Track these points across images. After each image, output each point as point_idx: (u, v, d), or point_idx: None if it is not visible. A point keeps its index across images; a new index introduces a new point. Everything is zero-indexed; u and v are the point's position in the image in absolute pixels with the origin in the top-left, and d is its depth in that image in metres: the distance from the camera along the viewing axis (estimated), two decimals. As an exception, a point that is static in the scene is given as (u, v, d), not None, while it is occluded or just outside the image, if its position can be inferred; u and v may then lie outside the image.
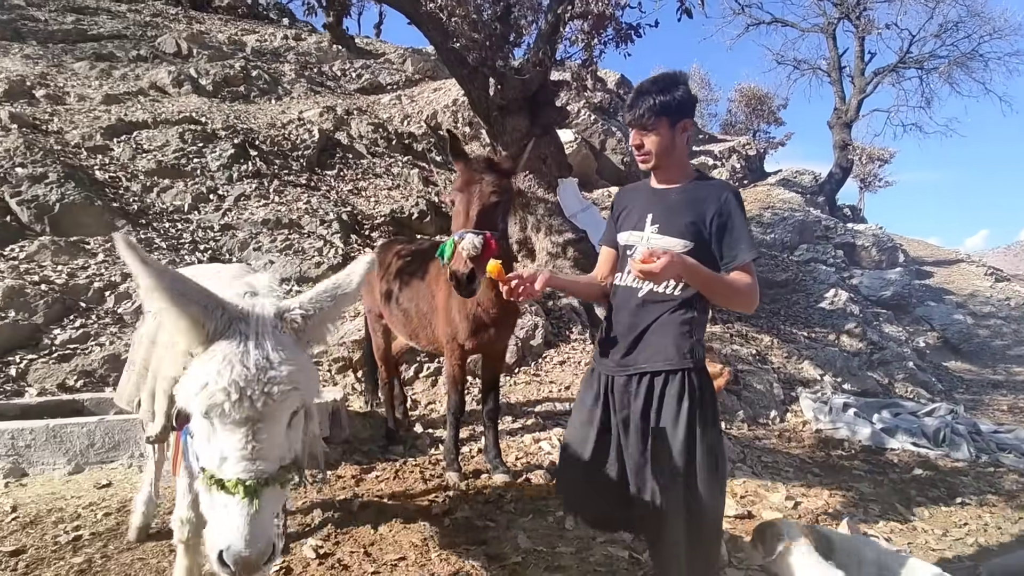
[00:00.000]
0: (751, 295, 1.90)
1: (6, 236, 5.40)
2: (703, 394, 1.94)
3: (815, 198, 14.82)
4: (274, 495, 1.29)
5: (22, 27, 11.68)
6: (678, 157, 2.02)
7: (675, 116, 1.94)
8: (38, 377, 4.13)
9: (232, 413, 1.23)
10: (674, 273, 1.78)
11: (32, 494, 2.93)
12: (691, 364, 1.94)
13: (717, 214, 1.92)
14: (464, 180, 2.70)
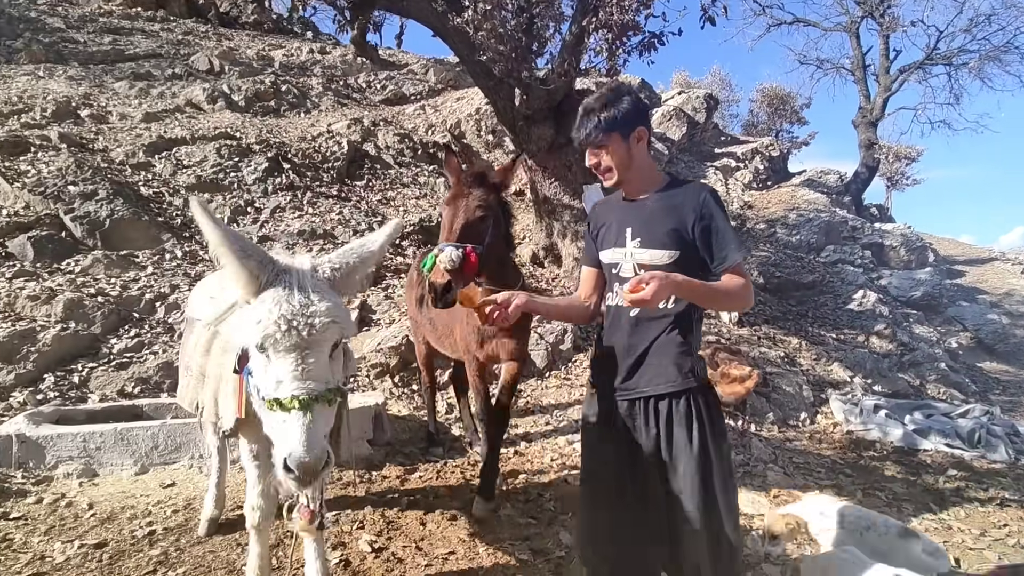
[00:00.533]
0: (746, 296, 1.86)
1: (62, 251, 5.70)
2: (710, 412, 1.89)
3: (841, 198, 14.68)
4: (323, 412, 1.49)
5: (63, 49, 12.18)
6: (641, 167, 1.97)
7: (625, 128, 1.90)
8: (99, 384, 4.37)
9: (283, 341, 1.48)
10: (666, 295, 1.75)
11: (104, 492, 3.14)
12: (694, 383, 1.89)
13: (698, 217, 1.86)
14: (452, 193, 2.71)
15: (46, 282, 5.15)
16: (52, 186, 6.27)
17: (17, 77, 9.85)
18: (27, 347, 4.39)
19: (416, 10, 7.01)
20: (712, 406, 1.91)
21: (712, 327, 6.94)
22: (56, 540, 2.64)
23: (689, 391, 1.88)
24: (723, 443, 1.89)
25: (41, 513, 2.87)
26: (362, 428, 3.92)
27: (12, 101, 8.59)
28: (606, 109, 1.90)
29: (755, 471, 4.15)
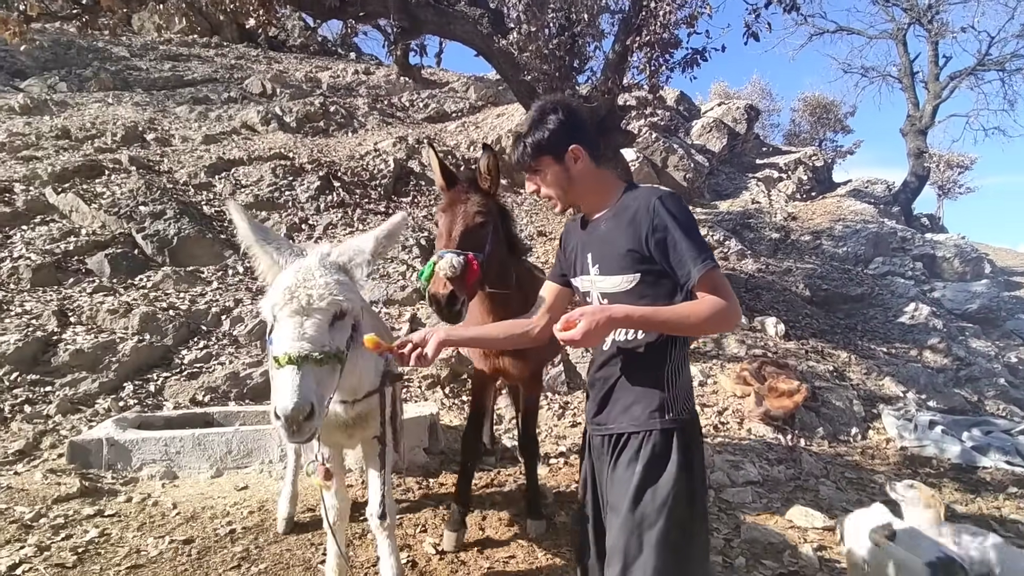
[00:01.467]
0: (722, 315, 1.59)
1: (135, 267, 6.09)
2: (674, 457, 1.64)
3: (889, 208, 14.33)
4: (314, 371, 1.64)
5: (129, 76, 12.94)
6: (585, 186, 1.80)
7: (555, 149, 1.75)
8: (172, 392, 4.66)
9: (285, 308, 1.68)
10: (605, 332, 1.58)
11: (185, 494, 3.36)
12: (657, 424, 1.67)
13: (651, 230, 1.64)
14: (449, 200, 2.57)
15: (122, 296, 5.51)
16: (125, 206, 6.70)
17: (89, 104, 10.53)
18: (108, 357, 4.72)
19: (462, 33, 7.26)
20: (682, 449, 1.66)
21: (758, 340, 6.90)
22: (148, 536, 2.87)
23: (651, 432, 1.67)
24: (677, 489, 1.61)
25: (132, 511, 3.11)
26: (418, 437, 4.08)
27: (86, 127, 9.20)
28: (532, 132, 1.76)
29: (807, 485, 4.14)
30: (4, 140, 8.12)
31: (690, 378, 1.79)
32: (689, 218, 1.66)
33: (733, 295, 1.62)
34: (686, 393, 1.73)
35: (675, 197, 1.70)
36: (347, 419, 2.23)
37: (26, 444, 3.71)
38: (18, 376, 4.37)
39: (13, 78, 11.38)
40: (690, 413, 1.72)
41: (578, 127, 1.78)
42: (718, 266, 1.62)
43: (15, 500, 3.09)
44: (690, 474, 1.65)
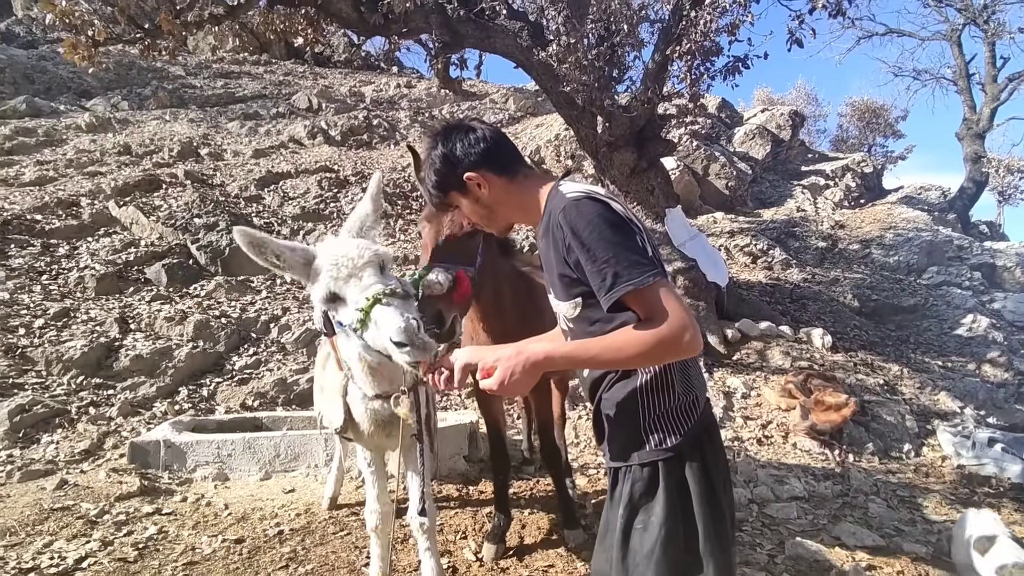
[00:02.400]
0: (656, 344, 1.34)
1: (189, 276, 6.38)
2: (660, 496, 1.45)
3: (944, 215, 13.75)
4: (400, 303, 1.79)
5: (184, 94, 13.59)
6: (506, 206, 1.62)
7: (452, 182, 1.61)
8: (224, 398, 4.86)
9: (343, 274, 1.83)
10: (527, 380, 1.41)
11: (236, 495, 3.50)
12: (636, 459, 1.49)
13: (565, 248, 1.45)
14: (427, 212, 2.38)
15: (178, 305, 5.78)
16: (181, 218, 7.03)
17: (148, 121, 11.10)
18: (165, 363, 4.96)
19: (502, 46, 7.36)
20: (672, 483, 1.45)
21: (804, 352, 6.73)
22: (202, 534, 3.00)
23: (630, 468, 1.50)
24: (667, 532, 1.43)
25: (187, 510, 3.25)
26: (458, 445, 4.14)
27: (145, 143, 9.70)
28: (430, 174, 1.65)
29: (856, 503, 4.01)
30: (72, 157, 8.63)
31: (688, 393, 1.51)
32: (594, 230, 1.39)
33: (673, 315, 1.34)
34: (677, 413, 1.49)
35: (579, 204, 1.42)
36: (386, 416, 2.31)
37: (91, 444, 3.94)
38: (84, 380, 4.63)
39: (80, 98, 12.09)
40: (685, 436, 1.47)
41: (468, 155, 1.57)
42: (639, 284, 1.35)
43: (81, 497, 3.28)
44: (686, 511, 1.44)
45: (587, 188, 1.49)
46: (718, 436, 1.58)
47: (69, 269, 5.99)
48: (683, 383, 1.51)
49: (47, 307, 5.29)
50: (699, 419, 1.51)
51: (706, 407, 1.56)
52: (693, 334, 1.35)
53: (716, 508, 1.47)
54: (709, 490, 1.46)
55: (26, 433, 4.02)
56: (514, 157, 1.63)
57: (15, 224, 6.44)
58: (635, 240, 1.41)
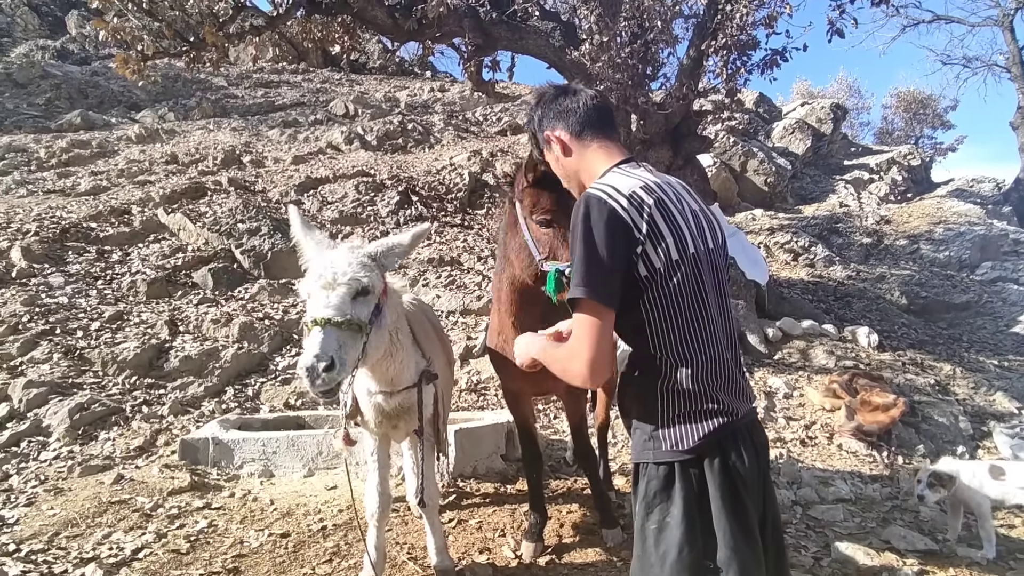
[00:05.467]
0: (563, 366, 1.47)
1: (234, 280, 6.59)
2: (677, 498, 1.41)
3: (999, 208, 13.15)
4: (337, 333, 1.91)
5: (227, 104, 14.03)
6: (577, 172, 1.67)
7: (538, 138, 1.73)
8: (268, 397, 5.00)
9: (315, 283, 1.98)
10: (528, 359, 1.66)
11: (280, 491, 3.60)
12: (650, 456, 1.46)
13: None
14: (556, 197, 2.30)
15: (223, 307, 5.97)
16: (225, 224, 7.26)
17: (193, 131, 11.50)
18: (212, 363, 5.13)
19: (535, 47, 7.39)
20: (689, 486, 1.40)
21: (849, 351, 6.53)
22: (250, 528, 3.10)
23: (646, 465, 1.47)
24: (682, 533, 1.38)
25: (235, 505, 3.36)
26: (496, 444, 4.16)
27: (191, 152, 10.06)
28: (529, 129, 1.78)
29: (906, 506, 3.87)
30: (124, 167, 9.01)
31: (710, 400, 1.45)
32: (584, 230, 1.40)
33: (573, 342, 1.43)
34: (696, 418, 1.43)
35: (586, 199, 1.44)
36: (388, 409, 2.44)
37: (144, 441, 4.11)
38: (137, 380, 4.83)
39: (130, 111, 12.61)
40: (704, 439, 1.41)
41: (552, 111, 1.66)
42: (583, 298, 1.38)
43: (136, 491, 3.43)
44: (705, 515, 1.39)
45: (618, 180, 1.48)
46: (750, 444, 1.47)
47: (122, 274, 6.26)
48: (704, 388, 1.44)
49: (102, 311, 5.54)
50: (723, 426, 1.43)
51: (736, 416, 1.47)
52: (581, 369, 1.41)
53: (740, 514, 1.39)
54: (732, 495, 1.39)
55: (85, 431, 4.22)
56: (593, 125, 1.63)
57: (72, 232, 6.76)
58: (599, 256, 1.38)
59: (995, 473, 3.28)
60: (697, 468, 1.41)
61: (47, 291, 5.68)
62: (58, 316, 5.32)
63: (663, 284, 1.41)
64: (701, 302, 1.43)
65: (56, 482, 3.56)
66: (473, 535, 3.11)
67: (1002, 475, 3.28)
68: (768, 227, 10.75)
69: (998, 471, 3.31)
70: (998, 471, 3.31)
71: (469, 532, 3.14)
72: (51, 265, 6.14)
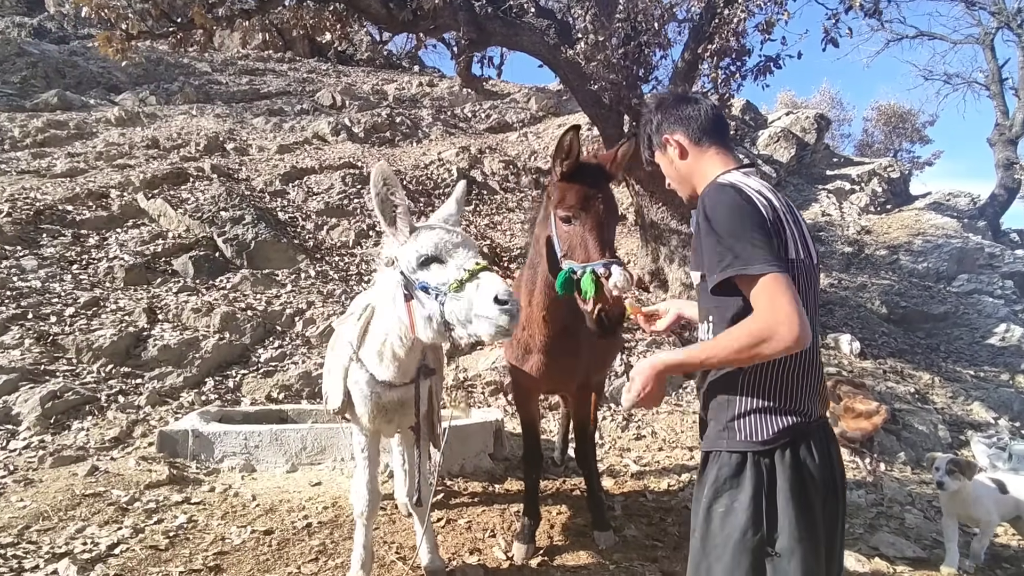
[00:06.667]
0: (754, 336, 1.39)
1: (215, 269, 6.42)
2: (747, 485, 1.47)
3: (974, 222, 13.45)
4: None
5: (210, 90, 13.72)
6: (685, 176, 1.75)
7: (655, 141, 1.79)
8: (249, 389, 4.87)
9: (453, 241, 2.01)
10: (655, 391, 1.54)
11: (263, 487, 3.49)
12: (724, 444, 1.53)
13: (697, 224, 1.55)
14: (581, 194, 2.25)
15: (204, 296, 5.81)
16: (207, 212, 7.08)
17: (175, 116, 11.22)
18: (192, 354, 4.98)
19: (529, 44, 7.33)
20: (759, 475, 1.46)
21: (832, 358, 6.61)
22: (231, 525, 2.99)
23: (719, 453, 1.54)
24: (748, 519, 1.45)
25: (215, 500, 3.25)
26: (484, 442, 4.11)
27: (173, 137, 9.81)
28: (644, 133, 1.84)
29: (891, 512, 3.91)
30: (102, 150, 8.75)
31: (787, 399, 1.51)
32: (725, 215, 1.46)
33: (772, 309, 1.38)
34: (772, 415, 1.49)
35: (720, 189, 1.52)
36: (385, 403, 2.37)
37: (120, 432, 3.96)
38: (113, 368, 4.67)
39: (109, 93, 12.26)
40: (777, 434, 1.48)
41: (672, 116, 1.73)
42: (750, 271, 1.40)
43: (112, 484, 3.30)
44: (771, 503, 1.45)
45: (745, 179, 1.57)
46: (824, 444, 1.53)
47: (99, 259, 6.06)
48: (789, 387, 1.52)
49: (77, 296, 5.35)
50: (798, 425, 1.50)
51: (810, 418, 1.53)
52: (791, 329, 1.36)
53: (805, 508, 1.45)
54: (799, 489, 1.45)
55: (57, 420, 4.05)
56: (711, 132, 1.70)
57: (47, 214, 6.52)
58: (763, 231, 1.45)
59: (1001, 488, 3.27)
60: (768, 459, 1.48)
61: (19, 274, 5.46)
62: (30, 300, 5.12)
63: None
64: (804, 303, 1.45)
65: (26, 472, 3.40)
66: (463, 535, 3.04)
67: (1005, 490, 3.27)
68: (753, 233, 10.85)
69: (1001, 486, 3.30)
70: (1001, 486, 3.30)
71: (459, 532, 3.07)
72: (24, 247, 5.91)
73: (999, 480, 3.37)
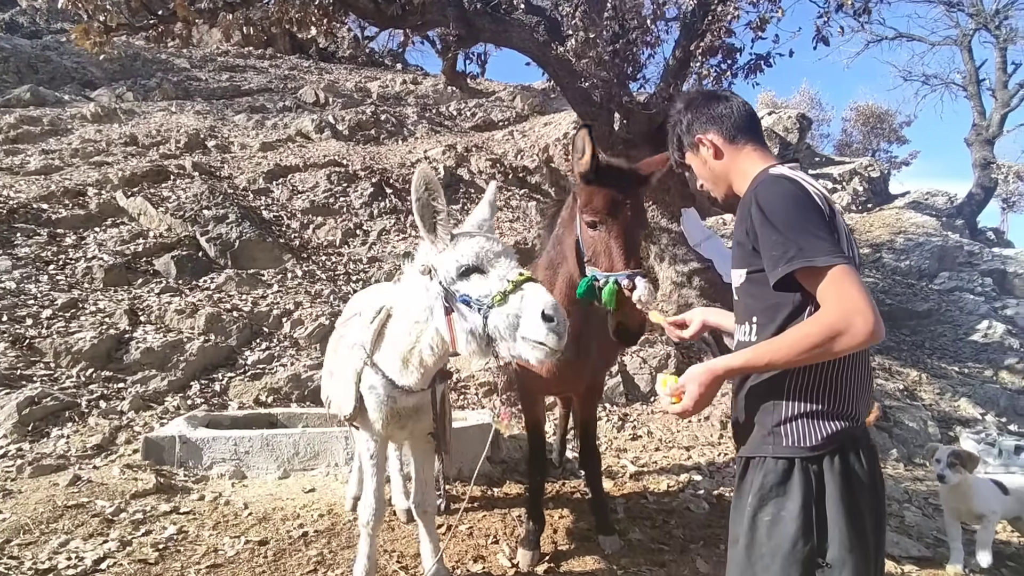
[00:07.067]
0: (824, 331, 1.32)
1: (199, 269, 6.24)
2: (795, 493, 1.41)
3: (952, 221, 13.70)
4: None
5: (189, 86, 13.44)
6: (721, 176, 1.68)
7: (687, 141, 1.72)
8: (237, 393, 4.73)
9: (495, 249, 1.94)
10: (713, 393, 1.47)
11: (254, 494, 3.37)
12: (770, 450, 1.46)
13: (749, 218, 1.47)
14: (609, 199, 2.18)
15: (188, 297, 5.64)
16: (190, 210, 6.89)
17: (154, 113, 10.94)
18: (176, 356, 4.82)
19: (519, 41, 7.25)
20: (808, 482, 1.40)
21: (822, 356, 6.63)
22: (223, 535, 2.87)
23: (764, 459, 1.47)
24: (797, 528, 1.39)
25: (205, 509, 3.13)
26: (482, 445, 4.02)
27: (152, 134, 9.55)
28: (673, 134, 1.78)
29: (890, 510, 3.91)
30: (78, 146, 8.48)
31: (837, 402, 1.45)
32: (783, 207, 1.40)
33: (847, 301, 1.30)
34: (821, 419, 1.43)
35: (774, 181, 1.47)
36: (400, 409, 2.27)
37: (103, 439, 3.80)
38: (93, 372, 4.50)
39: (84, 88, 11.92)
40: (826, 440, 1.41)
41: (704, 115, 1.68)
42: (819, 262, 1.32)
43: (95, 494, 3.15)
44: (820, 511, 1.39)
45: (797, 173, 1.51)
46: (868, 448, 1.49)
47: (76, 259, 5.85)
48: (832, 391, 1.46)
49: (54, 297, 5.15)
50: (846, 430, 1.45)
51: (857, 422, 1.48)
52: (866, 321, 1.29)
53: (855, 516, 1.40)
54: (849, 496, 1.40)
55: (35, 426, 3.88)
56: (745, 130, 1.66)
57: (21, 213, 6.29)
58: (824, 223, 1.40)
59: (1002, 488, 3.27)
60: (816, 466, 1.42)
61: (-8, 275, 5.25)
62: (5, 303, 4.92)
63: None
64: None
65: (4, 483, 3.24)
66: (465, 542, 2.96)
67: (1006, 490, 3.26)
68: (739, 232, 10.91)
69: (1003, 487, 3.29)
70: (1003, 487, 3.29)
71: (460, 539, 2.99)
72: (-3, 248, 5.69)
73: (999, 482, 3.36)
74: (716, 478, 4.14)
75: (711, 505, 3.62)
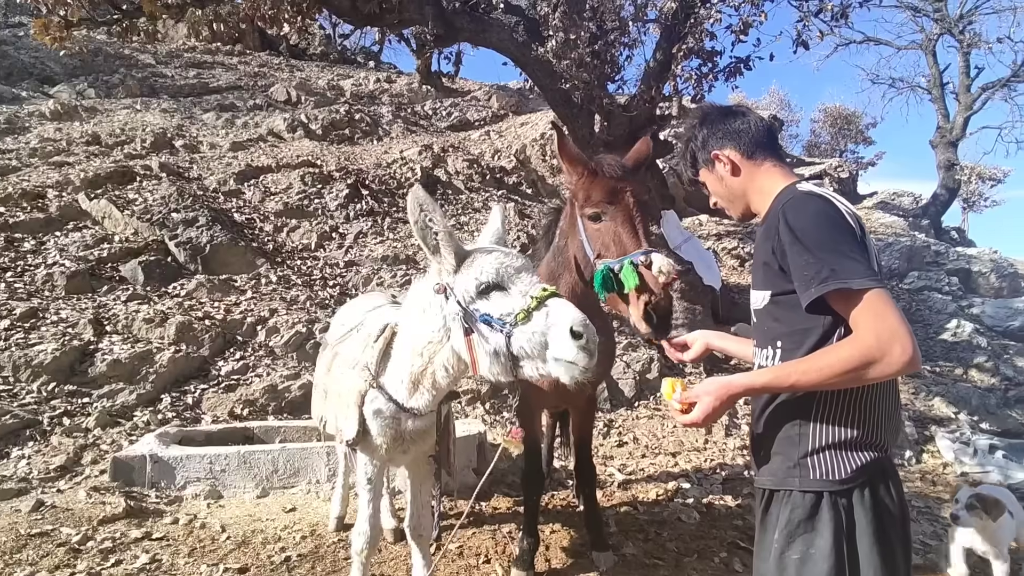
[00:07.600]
0: (857, 358, 1.25)
1: (168, 275, 6.00)
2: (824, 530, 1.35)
3: (918, 221, 14.05)
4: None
5: (155, 83, 13.00)
6: (739, 193, 1.63)
7: (702, 158, 1.67)
8: (210, 405, 4.54)
9: (515, 265, 1.83)
10: (725, 410, 1.43)
11: (232, 515, 3.22)
12: (796, 483, 1.41)
13: (777, 238, 1.41)
14: (608, 187, 2.17)
15: (157, 305, 5.41)
16: (157, 213, 6.63)
17: (118, 111, 10.54)
18: (145, 368, 4.61)
19: (497, 41, 7.15)
20: (839, 517, 1.35)
21: (801, 357, 6.69)
22: (200, 563, 2.73)
23: (790, 493, 1.42)
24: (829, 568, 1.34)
25: (180, 534, 2.97)
26: (467, 457, 3.93)
27: (116, 133, 9.19)
28: (687, 150, 1.73)
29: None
30: (36, 146, 8.11)
31: (866, 430, 1.38)
32: (814, 226, 1.35)
33: (883, 326, 1.23)
34: (849, 448, 1.37)
35: (805, 199, 1.41)
36: (406, 431, 2.17)
37: (67, 459, 3.60)
38: (55, 387, 4.26)
39: (43, 84, 11.43)
40: (856, 472, 1.35)
41: (720, 131, 1.63)
42: (854, 285, 1.26)
43: (60, 520, 2.97)
44: (852, 548, 1.34)
45: (824, 191, 1.44)
46: (896, 479, 1.44)
47: (36, 266, 5.56)
48: (862, 419, 1.39)
49: (12, 307, 4.88)
50: (876, 461, 1.39)
51: (886, 452, 1.43)
52: (905, 348, 1.23)
53: (887, 552, 1.34)
54: (880, 531, 1.35)
55: (-7, 447, 3.66)
56: (763, 145, 1.61)
57: (-25, 216, 5.97)
58: (856, 243, 1.35)
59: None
60: (846, 499, 1.37)
61: (-56, 284, 4.96)
62: (-42, 313, 4.64)
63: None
64: None
65: (-42, 511, 3.03)
66: (455, 562, 2.87)
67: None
68: (715, 233, 10.99)
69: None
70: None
71: (450, 559, 2.89)
72: (-51, 254, 5.38)
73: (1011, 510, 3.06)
74: (704, 485, 4.12)
75: (701, 514, 3.59)
